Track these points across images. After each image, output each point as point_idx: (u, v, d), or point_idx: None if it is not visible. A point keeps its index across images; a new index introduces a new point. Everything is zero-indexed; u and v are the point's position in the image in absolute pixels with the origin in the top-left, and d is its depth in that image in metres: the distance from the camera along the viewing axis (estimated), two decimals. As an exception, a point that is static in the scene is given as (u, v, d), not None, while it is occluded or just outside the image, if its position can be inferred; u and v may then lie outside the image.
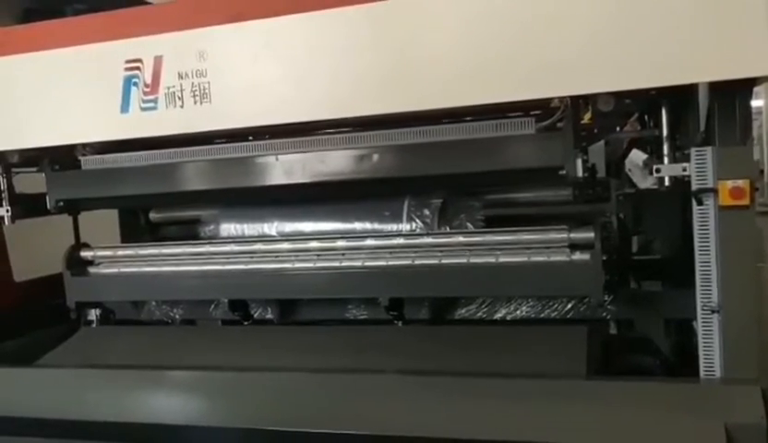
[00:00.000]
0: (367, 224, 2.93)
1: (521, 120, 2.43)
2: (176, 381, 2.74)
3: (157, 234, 3.72)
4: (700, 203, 2.16)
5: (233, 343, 3.03)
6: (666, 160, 2.42)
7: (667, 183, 2.35)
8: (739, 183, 2.08)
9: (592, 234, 2.48)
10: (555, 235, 2.56)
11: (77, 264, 3.21)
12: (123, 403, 2.61)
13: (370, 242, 2.79)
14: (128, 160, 2.96)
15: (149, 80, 2.58)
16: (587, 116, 2.43)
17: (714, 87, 2.13)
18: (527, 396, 2.25)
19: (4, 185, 3.11)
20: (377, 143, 2.60)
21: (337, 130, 2.72)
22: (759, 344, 2.14)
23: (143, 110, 2.61)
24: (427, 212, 2.85)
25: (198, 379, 2.69)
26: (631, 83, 2.10)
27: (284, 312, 3.11)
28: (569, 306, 2.75)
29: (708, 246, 2.16)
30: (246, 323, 3.11)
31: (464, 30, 2.22)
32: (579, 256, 2.51)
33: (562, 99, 2.30)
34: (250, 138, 2.87)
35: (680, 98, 2.38)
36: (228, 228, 3.20)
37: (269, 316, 3.13)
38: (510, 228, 2.66)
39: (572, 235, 2.53)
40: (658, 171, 2.35)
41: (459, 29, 2.23)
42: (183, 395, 2.67)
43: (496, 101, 2.26)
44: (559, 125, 2.36)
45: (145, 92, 2.60)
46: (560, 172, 2.36)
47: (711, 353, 2.19)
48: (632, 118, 3.03)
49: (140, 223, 3.72)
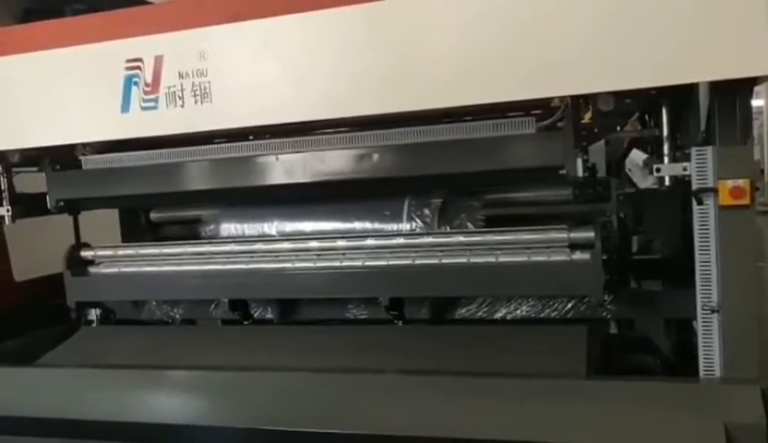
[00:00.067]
0: (368, 224, 2.93)
1: (521, 120, 2.43)
2: (177, 381, 2.74)
3: (157, 234, 3.72)
4: (700, 203, 2.16)
5: (233, 343, 3.03)
6: (667, 159, 2.42)
7: (668, 182, 2.35)
8: (740, 182, 2.08)
9: (592, 234, 2.48)
10: (555, 235, 2.56)
11: (77, 264, 3.21)
12: (123, 403, 2.61)
13: (370, 241, 2.79)
14: (129, 159, 2.96)
15: (149, 80, 2.59)
16: (587, 116, 2.43)
17: (715, 86, 2.13)
18: (527, 396, 2.25)
19: (4, 184, 3.12)
20: (377, 143, 2.60)
21: (337, 130, 2.72)
22: (759, 344, 2.14)
23: (144, 109, 2.61)
24: (428, 212, 2.85)
25: (199, 379, 2.69)
26: (632, 83, 2.10)
27: (284, 312, 3.11)
28: (569, 306, 2.75)
29: (708, 246, 2.16)
30: (247, 323, 3.11)
31: (464, 30, 2.22)
32: (579, 255, 2.51)
33: (562, 98, 2.30)
34: (250, 138, 2.87)
35: (681, 97, 2.38)
36: (228, 228, 3.20)
37: (269, 315, 3.13)
38: (511, 228, 2.66)
39: (572, 235, 2.53)
40: (658, 170, 2.35)
41: (458, 28, 2.23)
42: (183, 395, 2.68)
43: (496, 100, 2.26)
44: (560, 124, 2.36)
45: (145, 92, 2.60)
46: (561, 171, 2.36)
47: (711, 353, 2.19)
48: (633, 118, 3.03)
49: (141, 223, 3.72)
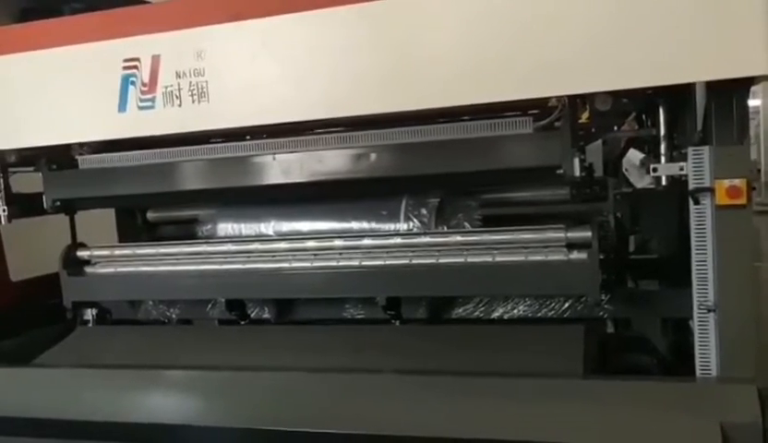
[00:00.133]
0: (365, 224, 2.93)
1: (518, 119, 2.43)
2: (173, 381, 2.74)
3: (154, 234, 3.71)
4: (696, 202, 2.16)
5: (230, 343, 3.02)
6: (664, 159, 2.43)
7: (664, 182, 2.35)
8: (736, 182, 2.09)
9: (589, 234, 2.49)
10: (552, 235, 2.56)
11: (73, 264, 3.21)
12: (119, 403, 2.60)
13: (367, 241, 2.79)
14: (125, 159, 2.96)
15: (146, 79, 2.58)
16: (585, 116, 2.44)
17: (712, 86, 2.13)
18: (524, 395, 2.26)
19: (1, 184, 3.10)
20: (374, 142, 2.60)
21: (334, 129, 2.72)
22: (755, 343, 2.15)
23: (141, 109, 2.60)
24: (425, 212, 2.85)
25: (195, 379, 2.69)
26: (629, 82, 2.11)
27: (281, 311, 3.10)
28: (566, 305, 2.75)
29: (705, 246, 2.17)
30: (243, 323, 3.10)
31: (462, 30, 2.22)
32: (576, 255, 2.51)
33: (560, 98, 2.30)
34: (248, 138, 2.87)
35: (678, 97, 2.38)
36: (225, 227, 3.19)
37: (266, 315, 3.12)
38: (508, 227, 2.66)
39: (570, 235, 2.53)
40: (655, 170, 2.36)
41: (457, 28, 2.23)
42: (180, 395, 2.67)
43: (493, 100, 2.25)
44: (557, 124, 2.36)
45: (143, 91, 2.59)
46: (558, 171, 2.36)
47: (707, 352, 2.19)
48: (630, 117, 3.04)
49: (137, 223, 3.71)
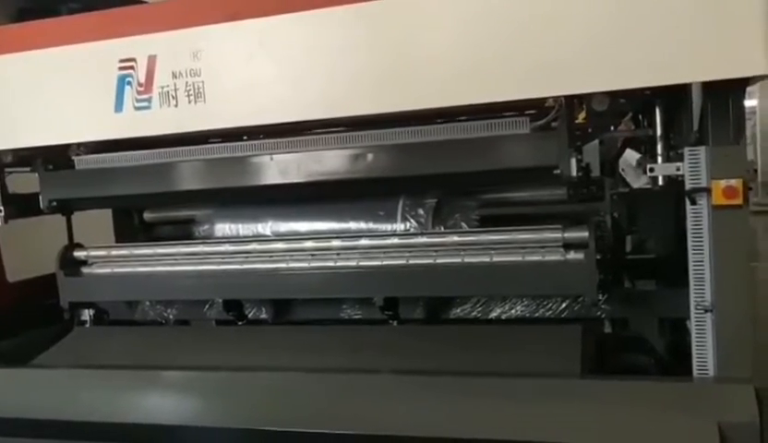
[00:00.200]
0: (362, 224, 2.93)
1: (515, 119, 2.43)
2: (170, 381, 2.73)
3: (151, 234, 3.70)
4: (693, 202, 2.17)
5: (227, 343, 3.02)
6: (660, 159, 2.43)
7: (661, 182, 2.35)
8: (732, 182, 2.09)
9: (586, 234, 2.49)
10: (549, 235, 2.56)
11: (70, 264, 3.20)
12: (117, 404, 2.60)
13: (365, 242, 2.78)
14: (122, 159, 2.95)
15: (142, 79, 2.57)
16: (581, 116, 2.44)
17: (708, 86, 2.14)
18: (521, 395, 2.26)
19: (-3, 185, 3.10)
20: (371, 143, 2.60)
21: (331, 130, 2.72)
22: (752, 343, 2.15)
23: (137, 109, 2.60)
24: (422, 212, 2.85)
25: (193, 379, 2.68)
26: (626, 83, 2.11)
27: (279, 312, 3.10)
28: (563, 306, 2.75)
29: (701, 246, 2.17)
30: (241, 323, 3.10)
31: (460, 30, 2.22)
32: (573, 255, 2.51)
33: (556, 98, 2.30)
34: (245, 138, 2.86)
35: (674, 97, 2.39)
36: (222, 228, 3.19)
37: (263, 316, 3.12)
38: (505, 227, 2.66)
39: (567, 235, 2.53)
40: (652, 170, 2.36)
41: (454, 28, 2.23)
42: (177, 395, 2.67)
43: (491, 100, 2.25)
44: (554, 124, 2.37)
45: (139, 92, 2.58)
46: (555, 171, 2.37)
47: (704, 352, 2.19)
48: (626, 118, 3.04)
49: (134, 223, 3.71)
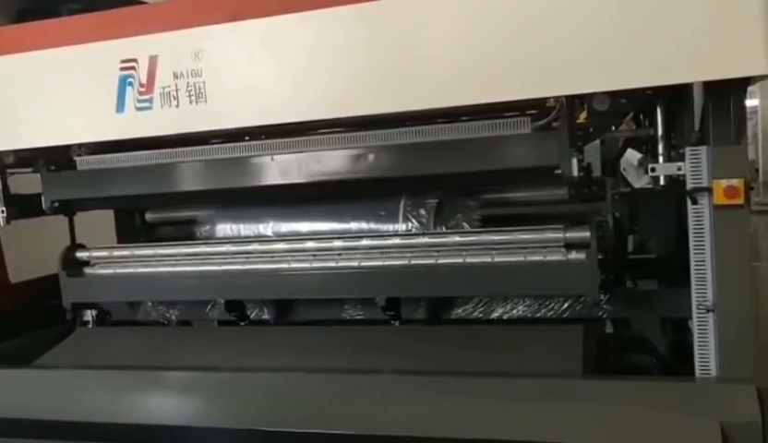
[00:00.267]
0: (363, 224, 2.93)
1: (516, 120, 2.43)
2: (173, 382, 2.73)
3: (153, 235, 3.71)
4: (694, 202, 2.16)
5: (229, 344, 3.02)
6: (661, 159, 2.43)
7: (662, 182, 2.35)
8: (734, 182, 2.09)
9: (587, 234, 2.49)
10: (551, 235, 2.56)
11: (72, 265, 3.21)
12: (119, 404, 2.60)
13: (366, 242, 2.78)
14: (124, 160, 2.95)
15: (144, 80, 2.58)
16: (582, 116, 2.44)
17: (709, 86, 2.13)
18: (523, 395, 2.26)
19: (-1, 185, 3.11)
20: (373, 143, 2.60)
21: (332, 130, 2.72)
22: (754, 343, 2.15)
23: (138, 110, 2.60)
24: (423, 212, 2.85)
25: (195, 380, 2.68)
26: (627, 83, 2.10)
27: (281, 312, 3.10)
28: (565, 306, 2.75)
29: (703, 245, 2.17)
30: (243, 324, 3.10)
31: (461, 30, 2.22)
32: (575, 255, 2.51)
33: (558, 98, 2.30)
34: (246, 138, 2.86)
35: (675, 97, 2.38)
36: (224, 228, 3.19)
37: (265, 316, 3.12)
38: (507, 228, 2.66)
39: (568, 235, 2.53)
40: (653, 170, 2.35)
41: (455, 29, 2.23)
42: (179, 396, 2.67)
43: (492, 100, 2.25)
44: (555, 124, 2.36)
45: (140, 92, 2.59)
46: (556, 171, 2.36)
47: (706, 352, 2.19)
48: (627, 117, 3.04)
49: (136, 224, 3.71)
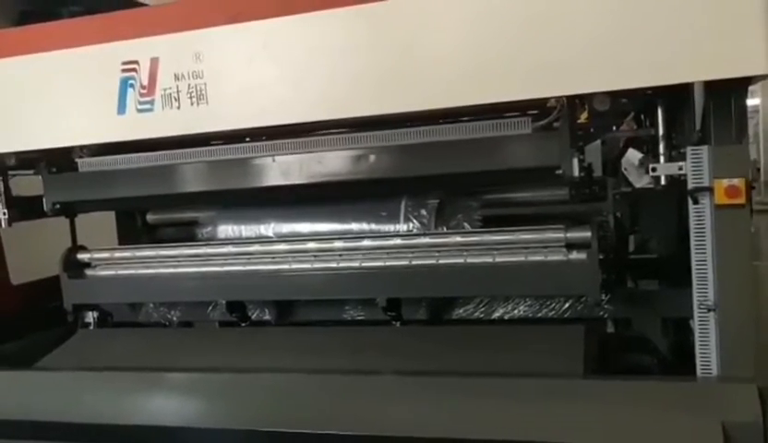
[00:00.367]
0: (364, 225, 2.93)
1: (517, 120, 2.43)
2: (174, 383, 2.74)
3: (154, 236, 3.71)
4: (696, 202, 2.17)
5: (230, 345, 3.02)
6: (662, 159, 2.43)
7: (663, 182, 2.35)
8: (735, 181, 2.09)
9: (588, 234, 2.49)
10: (552, 235, 2.57)
11: (74, 266, 3.21)
12: (121, 406, 2.61)
13: (367, 242, 2.79)
14: (125, 162, 2.96)
15: (145, 82, 2.58)
16: (583, 116, 2.44)
17: (710, 86, 2.14)
18: (525, 395, 2.26)
19: (1, 187, 3.10)
20: (373, 144, 2.60)
21: (334, 131, 2.72)
22: (755, 342, 2.15)
23: (140, 111, 2.60)
24: (424, 213, 2.85)
25: (196, 381, 2.69)
26: (627, 83, 2.11)
27: (282, 313, 3.10)
28: (566, 306, 2.75)
29: (704, 245, 2.17)
30: (244, 324, 3.10)
31: (461, 31, 2.23)
32: (576, 255, 2.51)
33: (558, 98, 2.30)
34: (247, 140, 2.87)
35: (676, 97, 2.38)
36: (225, 229, 3.19)
37: (266, 317, 3.12)
38: (508, 228, 2.66)
39: (569, 235, 2.54)
40: (654, 170, 2.36)
41: (456, 29, 2.23)
42: (181, 397, 2.67)
43: (493, 101, 2.26)
44: (556, 124, 2.37)
45: (141, 94, 2.59)
46: (557, 171, 2.37)
47: (708, 352, 2.19)
48: (628, 117, 3.04)
49: (137, 225, 3.72)
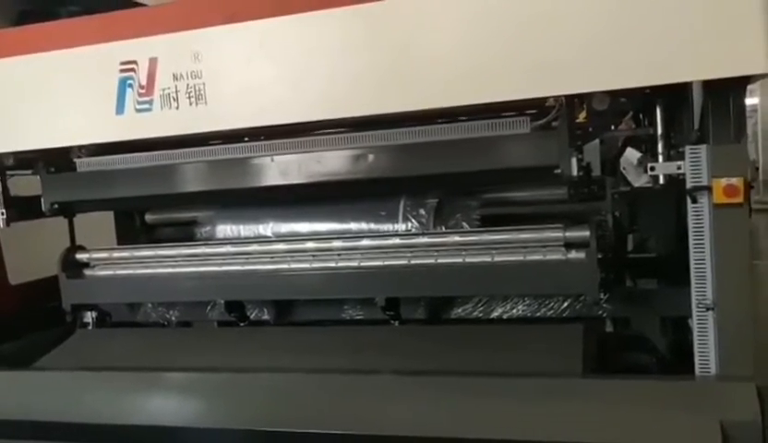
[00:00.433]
0: (363, 224, 2.93)
1: (516, 119, 2.43)
2: (173, 383, 2.74)
3: (153, 236, 3.71)
4: (694, 201, 2.17)
5: (229, 345, 3.02)
6: (661, 158, 2.43)
7: (662, 181, 2.35)
8: (733, 181, 2.09)
9: (587, 233, 2.49)
10: (550, 234, 2.57)
11: (72, 266, 3.21)
12: (119, 405, 2.60)
13: (366, 242, 2.79)
14: (123, 161, 2.96)
15: (144, 82, 2.58)
16: (582, 115, 2.44)
17: (709, 85, 2.14)
18: (523, 394, 2.26)
19: (-1, 187, 3.11)
20: (372, 143, 2.61)
21: (332, 130, 2.72)
22: (754, 341, 2.15)
23: (138, 111, 2.60)
24: (423, 212, 2.85)
25: (195, 381, 2.69)
26: (626, 82, 2.11)
27: (281, 313, 3.10)
28: (565, 305, 2.75)
29: (703, 244, 2.17)
30: (243, 324, 3.10)
31: (460, 31, 2.23)
32: (574, 254, 2.52)
33: (557, 98, 2.30)
34: (246, 139, 2.87)
35: (675, 96, 2.39)
36: (224, 229, 3.19)
37: (265, 317, 3.12)
38: (506, 227, 2.66)
39: (568, 234, 2.54)
40: (653, 169, 2.36)
41: (455, 29, 2.23)
42: (180, 397, 2.67)
43: (491, 100, 2.26)
44: (554, 124, 2.37)
45: (140, 94, 2.59)
46: (555, 170, 2.37)
47: (706, 351, 2.20)
48: (627, 117, 3.04)
49: (136, 225, 3.72)
